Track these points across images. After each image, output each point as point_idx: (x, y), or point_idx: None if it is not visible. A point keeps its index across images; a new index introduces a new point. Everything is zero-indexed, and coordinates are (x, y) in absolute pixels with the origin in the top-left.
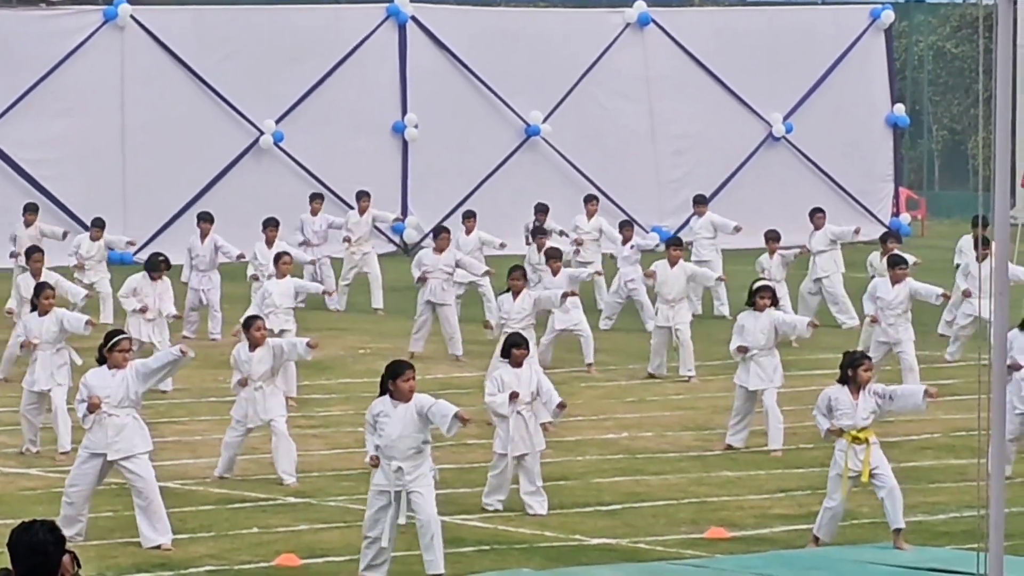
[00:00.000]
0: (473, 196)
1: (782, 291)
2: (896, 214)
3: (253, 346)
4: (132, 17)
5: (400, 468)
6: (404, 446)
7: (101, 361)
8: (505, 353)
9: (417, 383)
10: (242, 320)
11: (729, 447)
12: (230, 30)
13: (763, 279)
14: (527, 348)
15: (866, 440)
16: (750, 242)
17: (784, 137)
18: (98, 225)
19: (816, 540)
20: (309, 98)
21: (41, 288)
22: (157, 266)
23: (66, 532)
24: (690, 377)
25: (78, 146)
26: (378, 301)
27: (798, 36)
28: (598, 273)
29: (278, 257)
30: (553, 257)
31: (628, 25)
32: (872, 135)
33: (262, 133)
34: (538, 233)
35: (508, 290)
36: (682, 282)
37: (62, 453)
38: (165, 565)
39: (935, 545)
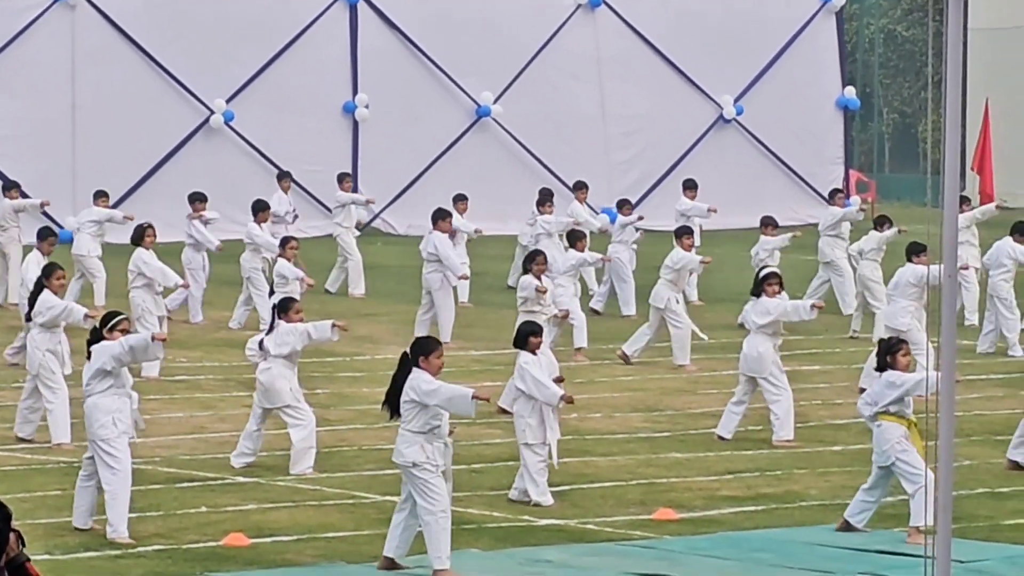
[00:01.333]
0: (423, 177)
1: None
2: (846, 197)
3: None
4: None
5: (446, 444)
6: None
7: (96, 340)
8: (522, 342)
9: (369, 363)
10: (278, 303)
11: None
12: (181, 9)
13: (768, 265)
14: (542, 335)
15: (914, 424)
16: (708, 224)
17: (735, 119)
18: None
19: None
20: (260, 78)
21: (52, 269)
22: (143, 235)
23: None
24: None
25: (28, 125)
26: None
27: (749, 18)
28: (607, 259)
29: (285, 241)
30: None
31: (579, 6)
32: (822, 118)
33: (212, 112)
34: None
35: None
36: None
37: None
38: (113, 544)
39: (884, 528)
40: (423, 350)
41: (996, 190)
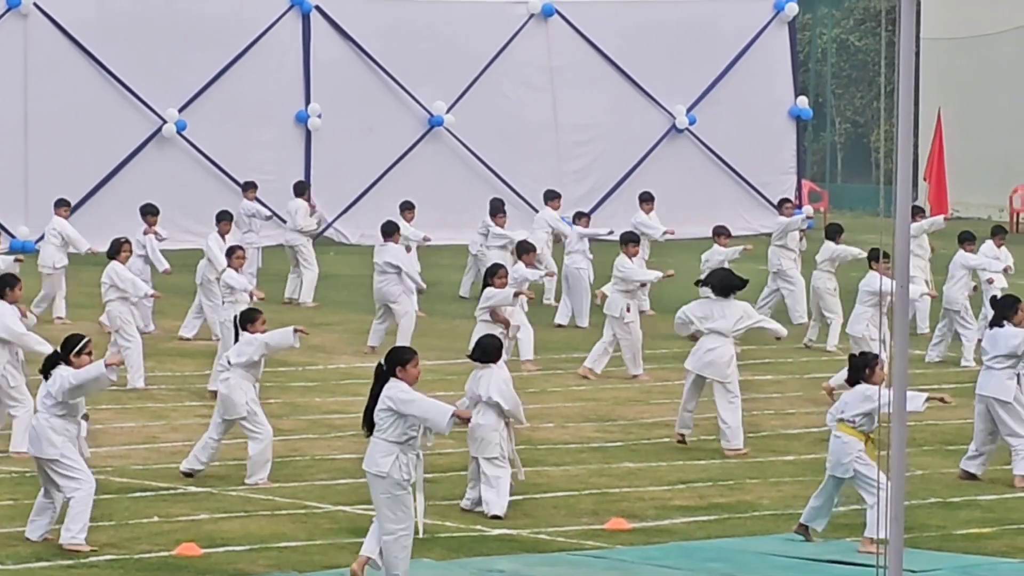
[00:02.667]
0: (376, 186)
1: None
2: (799, 206)
3: None
4: (35, 5)
5: (419, 456)
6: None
7: (55, 362)
8: (494, 356)
9: (321, 373)
10: (238, 316)
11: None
12: (133, 18)
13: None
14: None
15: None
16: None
17: (687, 129)
18: None
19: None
20: (212, 87)
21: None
22: (120, 249)
23: None
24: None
25: None
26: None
27: (702, 28)
28: (550, 274)
29: (232, 251)
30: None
31: (532, 16)
32: (775, 127)
33: (165, 122)
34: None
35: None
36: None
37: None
38: (65, 554)
39: (836, 538)
40: (399, 360)
41: (949, 199)
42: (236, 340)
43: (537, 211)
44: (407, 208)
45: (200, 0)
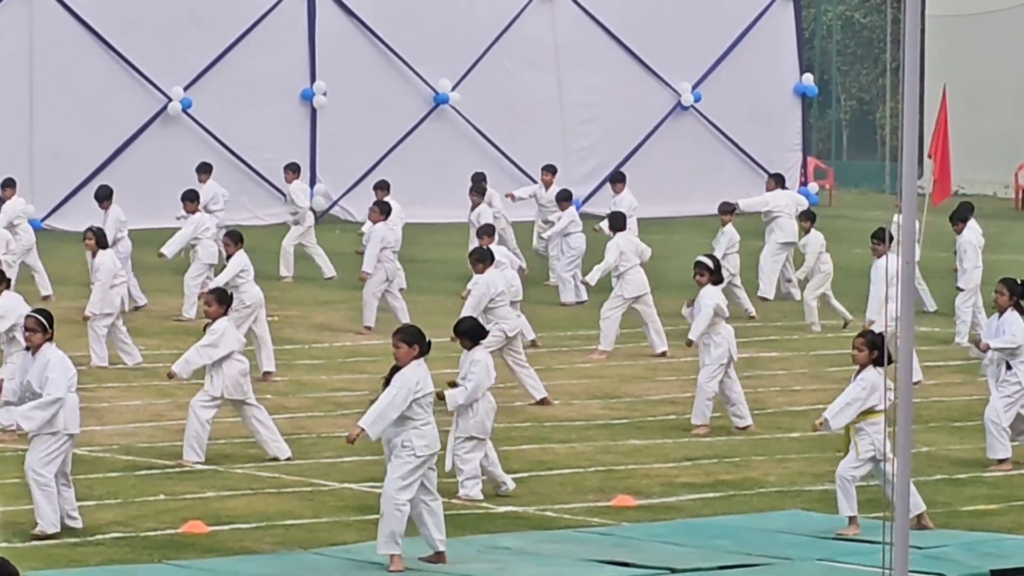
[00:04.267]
0: (381, 164)
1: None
2: (804, 184)
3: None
4: None
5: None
6: None
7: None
8: (479, 338)
9: (327, 351)
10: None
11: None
12: None
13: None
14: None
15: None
16: (667, 211)
17: (692, 106)
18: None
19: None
20: (217, 65)
21: None
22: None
23: None
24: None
25: None
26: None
27: (707, 5)
28: (522, 269)
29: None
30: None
31: None
32: (780, 105)
33: (170, 100)
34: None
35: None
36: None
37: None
38: (72, 532)
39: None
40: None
41: (954, 176)
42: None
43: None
44: (381, 187)
45: None
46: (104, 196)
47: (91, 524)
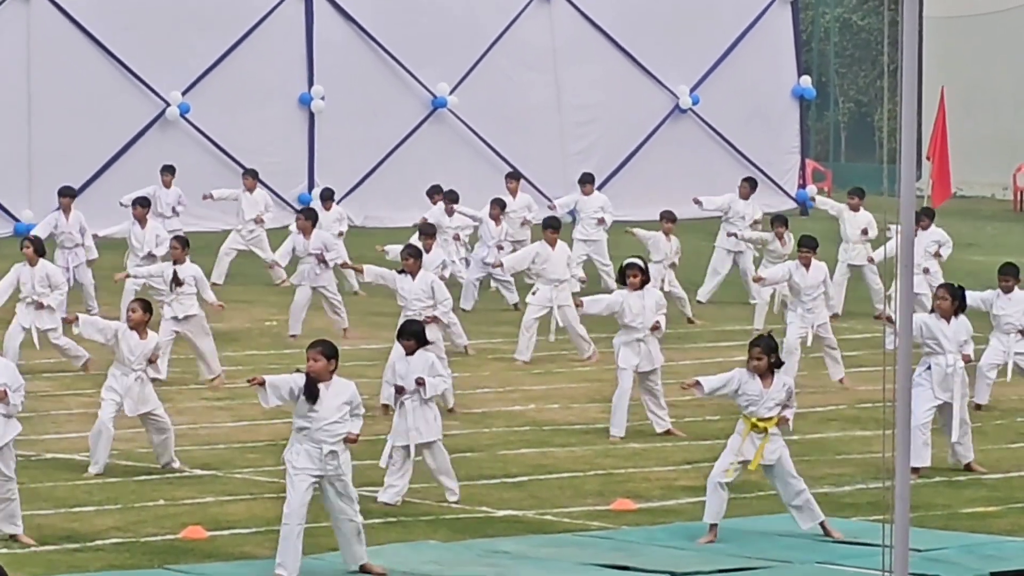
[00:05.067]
0: (380, 168)
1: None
2: (802, 186)
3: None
4: None
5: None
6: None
7: None
8: (424, 340)
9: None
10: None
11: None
12: (136, 1)
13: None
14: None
15: (765, 430)
16: (653, 214)
17: (690, 109)
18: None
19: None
20: (215, 70)
21: None
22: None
23: None
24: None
25: None
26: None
27: (705, 8)
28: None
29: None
30: (427, 234)
31: None
32: (778, 107)
33: (168, 105)
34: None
35: (403, 271)
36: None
37: None
38: (71, 537)
39: (841, 516)
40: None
41: (952, 178)
42: None
43: (542, 192)
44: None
45: None
46: (68, 194)
47: (91, 530)
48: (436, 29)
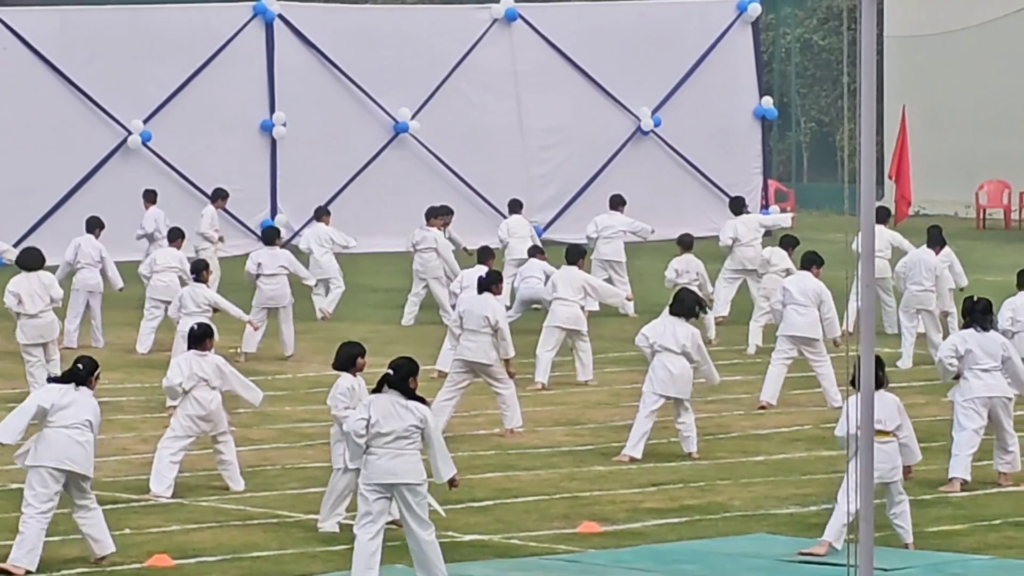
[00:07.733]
0: (342, 193)
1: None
2: (765, 206)
3: None
4: None
5: None
6: None
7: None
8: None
9: (290, 381)
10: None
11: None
12: (96, 30)
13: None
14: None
15: None
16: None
17: (653, 131)
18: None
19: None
20: (177, 98)
21: None
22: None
23: None
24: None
25: None
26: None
27: (665, 30)
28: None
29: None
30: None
31: (495, 21)
32: (740, 128)
33: (130, 133)
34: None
35: None
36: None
37: None
38: (37, 568)
39: (807, 537)
40: (413, 372)
41: (914, 197)
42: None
43: (504, 216)
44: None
45: (163, 11)
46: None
47: (56, 559)
48: (397, 54)
